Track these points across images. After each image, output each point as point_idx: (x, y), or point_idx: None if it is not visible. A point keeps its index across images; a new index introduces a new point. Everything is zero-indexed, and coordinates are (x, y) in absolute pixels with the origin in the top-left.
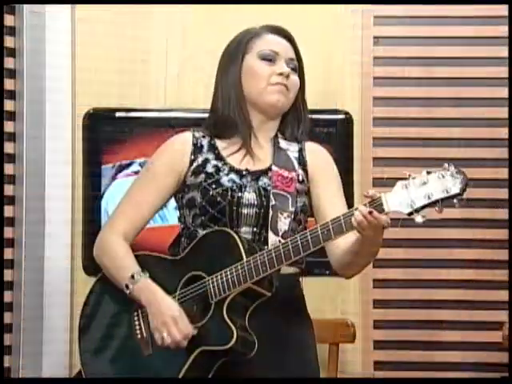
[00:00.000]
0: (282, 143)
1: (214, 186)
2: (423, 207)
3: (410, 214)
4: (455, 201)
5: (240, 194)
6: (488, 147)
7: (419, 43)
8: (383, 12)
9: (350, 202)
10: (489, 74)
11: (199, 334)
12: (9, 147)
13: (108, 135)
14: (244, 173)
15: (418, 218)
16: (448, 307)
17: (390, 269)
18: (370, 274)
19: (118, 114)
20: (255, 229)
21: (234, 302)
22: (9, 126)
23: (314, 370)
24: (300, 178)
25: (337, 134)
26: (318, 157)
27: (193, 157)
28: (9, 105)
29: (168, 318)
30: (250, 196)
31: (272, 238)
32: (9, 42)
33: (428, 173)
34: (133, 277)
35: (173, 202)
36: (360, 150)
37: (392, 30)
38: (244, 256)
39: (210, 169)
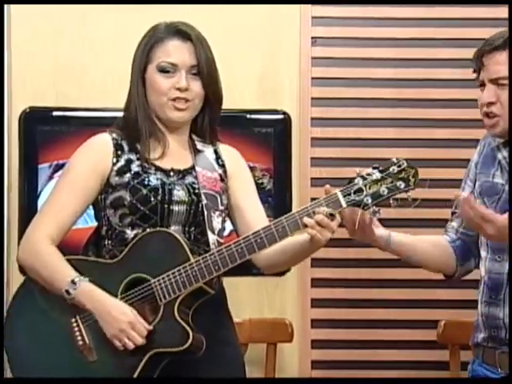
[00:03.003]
0: (199, 145)
1: (143, 185)
2: (377, 202)
3: (366, 208)
4: (409, 194)
5: (170, 192)
6: (423, 147)
7: (357, 44)
8: (321, 13)
9: (288, 202)
10: (425, 75)
11: (150, 336)
12: None
13: (45, 134)
14: (170, 172)
15: (373, 213)
16: (386, 306)
17: (327, 268)
18: (308, 274)
19: (54, 113)
20: (185, 227)
21: (181, 302)
22: None
23: (238, 368)
24: (221, 177)
25: (275, 134)
26: (234, 157)
27: (115, 157)
28: None
29: (125, 324)
30: (179, 193)
31: (210, 237)
32: None
33: (378, 168)
34: (73, 282)
35: None
36: (298, 149)
37: (330, 30)
38: (190, 256)
39: (135, 168)
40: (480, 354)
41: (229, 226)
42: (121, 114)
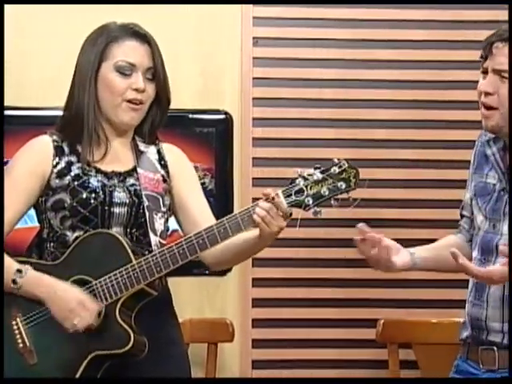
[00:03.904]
0: (141, 146)
1: (83, 187)
2: (318, 203)
3: (307, 209)
4: (350, 195)
5: (111, 194)
6: (364, 148)
7: (298, 44)
8: (262, 13)
9: (229, 202)
10: (365, 76)
11: (91, 339)
12: None
13: None
14: (111, 174)
15: (314, 213)
16: (326, 305)
17: (268, 268)
18: (249, 273)
19: None
20: (127, 229)
21: (123, 303)
22: None
23: (183, 368)
24: (163, 178)
25: (217, 134)
26: (177, 157)
27: (55, 160)
28: None
29: (74, 303)
30: (120, 195)
31: (152, 239)
32: None
33: (320, 169)
34: (19, 271)
35: None
36: (239, 149)
37: (271, 31)
38: (132, 258)
39: (75, 171)
40: (465, 351)
41: (172, 226)
42: (58, 113)
